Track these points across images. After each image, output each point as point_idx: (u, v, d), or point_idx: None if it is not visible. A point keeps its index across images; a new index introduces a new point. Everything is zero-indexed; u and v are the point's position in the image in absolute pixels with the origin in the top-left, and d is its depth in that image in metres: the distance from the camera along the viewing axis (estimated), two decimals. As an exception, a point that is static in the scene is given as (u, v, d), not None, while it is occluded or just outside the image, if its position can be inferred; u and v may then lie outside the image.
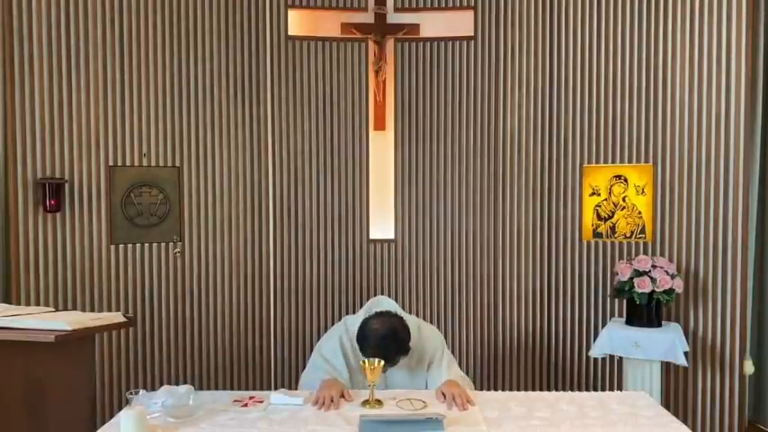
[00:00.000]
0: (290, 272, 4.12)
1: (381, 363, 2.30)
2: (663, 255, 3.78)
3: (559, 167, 4.04)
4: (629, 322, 3.59)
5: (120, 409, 2.48)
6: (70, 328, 2.13)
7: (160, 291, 3.85)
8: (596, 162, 3.97)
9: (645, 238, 3.87)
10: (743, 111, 3.64)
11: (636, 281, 3.47)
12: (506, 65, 4.07)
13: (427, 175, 4.14)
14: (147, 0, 3.75)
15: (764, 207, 3.88)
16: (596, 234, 3.99)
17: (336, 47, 4.10)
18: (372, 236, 4.15)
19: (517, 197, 4.09)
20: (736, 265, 3.69)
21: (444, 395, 2.33)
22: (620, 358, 3.60)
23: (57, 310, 3.08)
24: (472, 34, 4.09)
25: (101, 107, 3.66)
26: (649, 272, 3.48)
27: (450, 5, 4.10)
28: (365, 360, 2.29)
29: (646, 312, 3.52)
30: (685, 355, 3.39)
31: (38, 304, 3.47)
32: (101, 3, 3.64)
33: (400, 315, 2.53)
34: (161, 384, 2.76)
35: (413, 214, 4.16)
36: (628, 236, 3.91)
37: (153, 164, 3.80)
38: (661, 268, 3.49)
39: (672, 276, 3.48)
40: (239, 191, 4.02)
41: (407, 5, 4.11)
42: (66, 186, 3.58)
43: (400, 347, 2.43)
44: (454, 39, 4.10)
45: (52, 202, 3.50)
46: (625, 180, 3.91)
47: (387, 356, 2.36)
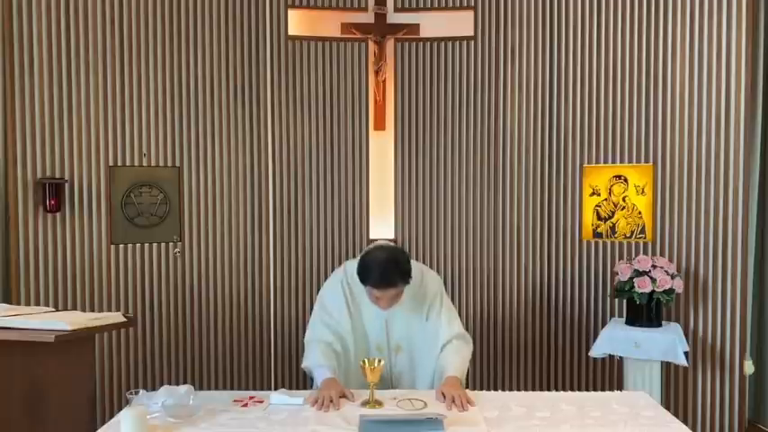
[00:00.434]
0: (290, 272, 4.12)
1: (381, 363, 2.30)
2: (663, 255, 3.78)
3: (559, 167, 4.04)
4: (629, 322, 3.59)
5: (120, 409, 2.48)
6: (70, 328, 2.13)
7: (160, 291, 3.85)
8: (596, 162, 3.97)
9: (645, 238, 3.88)
10: (743, 111, 3.64)
11: (636, 281, 3.47)
12: (506, 65, 4.07)
13: (427, 175, 4.14)
14: (148, 0, 3.75)
15: (764, 207, 3.88)
16: (596, 234, 3.99)
17: (336, 47, 4.10)
18: (372, 235, 4.14)
19: (517, 197, 4.09)
20: (736, 265, 3.68)
21: (444, 395, 2.33)
22: (620, 358, 3.60)
23: (57, 310, 3.09)
24: (472, 34, 4.09)
25: (101, 107, 3.66)
26: (649, 272, 3.48)
27: (451, 5, 4.10)
28: (365, 360, 2.29)
29: (646, 312, 3.52)
30: (685, 355, 3.39)
31: (38, 304, 3.47)
32: (101, 3, 3.64)
33: (399, 247, 2.54)
34: (161, 384, 2.75)
35: (413, 214, 4.16)
36: (628, 236, 3.91)
37: (153, 164, 3.80)
38: (661, 268, 3.49)
39: (672, 276, 3.48)
40: (239, 191, 4.02)
41: (407, 5, 4.11)
42: (67, 186, 3.58)
43: (403, 273, 2.43)
44: (454, 39, 4.10)
45: (52, 202, 3.51)
46: (625, 180, 3.91)
47: (389, 281, 2.38)
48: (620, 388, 3.63)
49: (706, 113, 3.72)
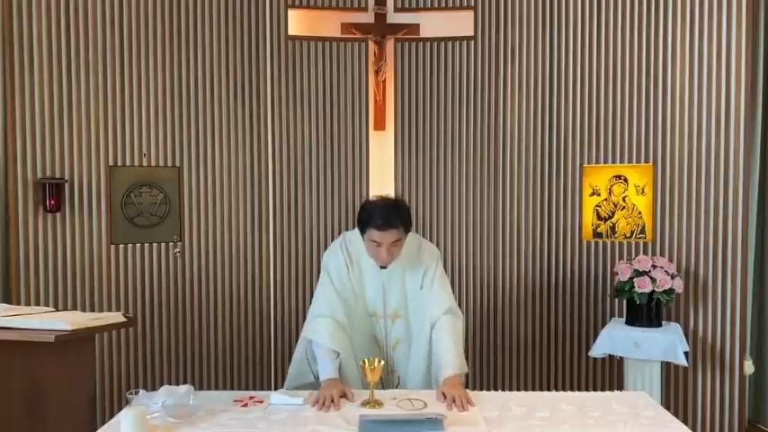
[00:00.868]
0: (290, 272, 4.12)
1: (381, 363, 2.30)
2: (663, 255, 3.78)
3: (559, 167, 4.04)
4: (629, 322, 3.59)
5: (120, 409, 2.48)
6: (70, 328, 2.13)
7: (160, 291, 3.85)
8: (596, 162, 3.97)
9: (645, 238, 3.88)
10: (743, 111, 3.64)
11: (636, 281, 3.47)
12: (506, 65, 4.07)
13: (427, 174, 4.14)
14: (148, 0, 3.75)
15: (764, 207, 3.88)
16: (596, 234, 3.99)
17: (336, 47, 4.10)
18: (372, 236, 4.14)
19: (517, 197, 4.09)
20: (736, 265, 3.68)
21: (445, 395, 2.33)
22: (621, 358, 3.60)
23: (57, 310, 3.09)
24: (472, 34, 4.09)
25: (101, 107, 3.66)
26: (649, 272, 3.48)
27: (451, 5, 4.10)
28: (365, 360, 2.29)
29: (646, 312, 3.52)
30: (685, 355, 3.39)
31: (38, 304, 3.47)
32: (101, 3, 3.64)
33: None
34: (161, 384, 2.75)
35: (413, 214, 4.12)
36: (628, 236, 3.91)
37: (153, 164, 3.80)
38: (661, 268, 3.49)
39: (672, 276, 3.48)
40: (239, 191, 4.02)
41: (407, 5, 4.11)
42: (66, 186, 3.58)
43: (404, 217, 2.48)
44: (454, 39, 4.10)
45: (52, 202, 3.51)
46: (625, 180, 3.91)
47: (391, 222, 2.41)
48: (620, 388, 3.63)
49: (706, 113, 3.72)
